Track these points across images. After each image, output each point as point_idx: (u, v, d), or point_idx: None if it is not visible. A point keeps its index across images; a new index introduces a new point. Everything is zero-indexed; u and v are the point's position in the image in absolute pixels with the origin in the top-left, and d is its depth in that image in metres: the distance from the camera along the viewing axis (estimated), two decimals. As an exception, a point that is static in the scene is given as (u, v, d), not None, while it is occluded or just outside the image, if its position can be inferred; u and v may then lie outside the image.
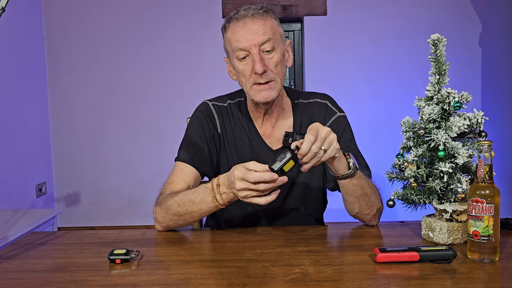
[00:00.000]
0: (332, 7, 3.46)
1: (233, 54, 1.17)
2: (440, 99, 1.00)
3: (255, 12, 1.15)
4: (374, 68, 3.48)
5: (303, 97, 1.31)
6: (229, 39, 1.17)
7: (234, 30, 1.15)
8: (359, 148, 1.32)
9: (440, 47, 1.01)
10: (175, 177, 1.20)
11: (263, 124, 1.26)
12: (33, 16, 3.35)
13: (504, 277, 0.81)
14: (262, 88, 1.15)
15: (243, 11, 1.15)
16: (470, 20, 3.46)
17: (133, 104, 3.53)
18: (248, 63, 1.14)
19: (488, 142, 0.88)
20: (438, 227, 1.00)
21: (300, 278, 0.82)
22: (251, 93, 1.17)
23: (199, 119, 1.27)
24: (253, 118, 1.27)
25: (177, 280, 0.82)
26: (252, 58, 1.13)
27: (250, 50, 1.13)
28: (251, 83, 1.16)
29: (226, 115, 1.28)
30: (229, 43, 1.18)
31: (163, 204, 1.12)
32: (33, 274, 0.88)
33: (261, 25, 1.14)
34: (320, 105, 1.29)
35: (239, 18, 1.15)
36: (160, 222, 1.15)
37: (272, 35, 1.15)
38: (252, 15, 1.14)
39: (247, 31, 1.13)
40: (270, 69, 1.14)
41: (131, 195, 3.55)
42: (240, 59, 1.15)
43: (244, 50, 1.14)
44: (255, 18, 1.14)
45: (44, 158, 3.46)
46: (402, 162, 1.04)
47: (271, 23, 1.16)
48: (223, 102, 1.30)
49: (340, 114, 1.30)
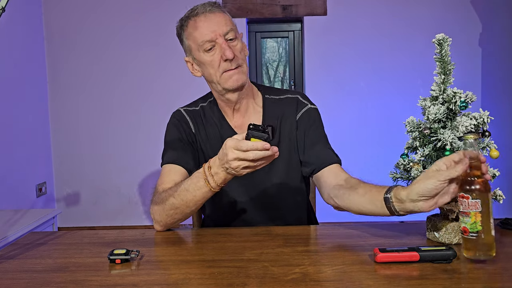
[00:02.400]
0: (332, 7, 3.46)
1: (199, 49, 1.21)
2: (446, 99, 1.00)
3: (212, 7, 1.22)
4: (374, 68, 3.48)
5: (274, 93, 1.35)
6: (191, 34, 1.21)
7: (197, 25, 1.20)
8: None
9: (445, 46, 1.00)
10: (164, 177, 1.22)
11: (234, 116, 1.30)
12: (33, 16, 3.36)
13: (504, 277, 0.81)
14: (233, 73, 1.20)
15: (201, 7, 1.21)
16: (470, 20, 3.46)
17: (133, 104, 3.53)
18: (215, 53, 1.19)
19: (473, 136, 0.88)
20: (443, 227, 1.00)
21: (300, 278, 0.82)
22: (222, 81, 1.21)
23: (174, 124, 1.32)
24: (224, 113, 1.31)
25: (177, 280, 0.82)
26: (219, 47, 1.18)
27: (217, 40, 1.18)
28: (221, 71, 1.20)
29: (199, 117, 1.32)
30: (193, 38, 1.21)
31: (159, 201, 1.13)
32: (33, 274, 0.88)
33: (222, 17, 1.21)
34: (291, 100, 1.33)
35: (198, 13, 1.21)
36: (158, 221, 1.15)
37: (232, 25, 1.22)
38: (210, 10, 1.21)
39: (211, 23, 1.19)
40: (236, 55, 1.19)
41: (131, 195, 3.55)
42: (207, 50, 1.19)
43: (210, 41, 1.18)
44: (215, 11, 1.21)
45: (44, 158, 3.46)
46: (407, 162, 1.04)
47: (227, 16, 1.23)
48: (195, 106, 1.35)
49: (312, 106, 1.34)
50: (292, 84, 3.63)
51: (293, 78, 3.64)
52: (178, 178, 1.20)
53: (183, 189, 1.08)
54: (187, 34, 1.23)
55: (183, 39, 1.26)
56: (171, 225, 1.16)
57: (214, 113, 1.32)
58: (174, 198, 1.09)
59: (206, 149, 1.30)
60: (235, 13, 3.43)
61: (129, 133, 3.54)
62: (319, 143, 1.27)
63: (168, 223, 1.14)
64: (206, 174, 1.02)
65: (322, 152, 1.25)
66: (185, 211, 1.10)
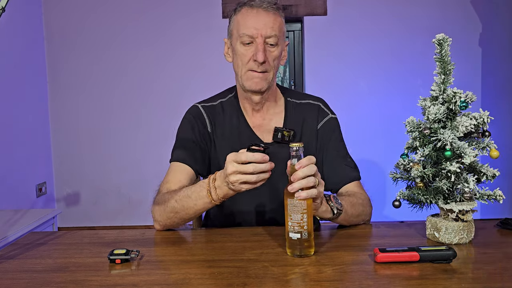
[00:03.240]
0: (332, 7, 3.46)
1: (238, 37, 1.20)
2: (446, 99, 1.00)
3: (269, 5, 1.20)
4: (374, 68, 3.48)
5: (296, 97, 1.36)
6: (238, 22, 1.21)
7: (246, 16, 1.19)
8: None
9: (445, 46, 1.00)
10: (170, 176, 1.22)
11: (253, 116, 1.30)
12: (33, 16, 3.35)
13: (504, 277, 0.81)
14: (256, 76, 1.20)
15: (259, 1, 1.20)
16: (470, 20, 3.46)
17: (133, 104, 3.53)
18: (250, 49, 1.19)
19: (298, 145, 0.91)
20: (444, 227, 1.00)
21: (300, 278, 0.82)
22: (244, 78, 1.21)
23: (189, 120, 1.30)
24: (243, 110, 1.30)
25: (177, 280, 0.82)
26: (256, 45, 1.18)
27: (256, 38, 1.17)
28: (247, 68, 1.20)
29: (217, 113, 1.31)
30: (237, 25, 1.21)
31: (161, 202, 1.13)
32: (33, 274, 0.88)
33: (272, 19, 1.19)
34: (313, 106, 1.33)
35: (253, 6, 1.19)
36: (158, 221, 1.15)
37: (278, 32, 1.20)
38: (266, 7, 1.19)
39: (258, 20, 1.18)
40: (268, 61, 1.19)
41: (131, 195, 3.55)
42: (244, 43, 1.19)
43: (250, 37, 1.18)
44: (269, 11, 1.19)
45: (44, 158, 3.46)
46: (407, 162, 1.04)
47: (280, 21, 1.22)
48: (213, 102, 1.33)
49: (332, 116, 1.35)
50: (292, 84, 3.63)
51: (293, 78, 3.64)
52: (184, 179, 1.20)
53: (186, 195, 1.08)
54: (235, 19, 1.23)
55: (231, 21, 1.25)
56: (170, 226, 1.16)
57: (234, 109, 1.31)
58: (176, 202, 1.09)
59: (221, 147, 1.28)
60: (235, 13, 3.43)
61: (129, 133, 3.54)
62: (338, 158, 1.29)
63: (167, 224, 1.14)
64: (210, 185, 1.02)
65: (340, 169, 1.27)
66: (184, 217, 1.11)
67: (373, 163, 3.36)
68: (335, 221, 1.10)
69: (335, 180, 1.26)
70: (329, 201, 1.06)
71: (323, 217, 1.06)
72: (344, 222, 1.13)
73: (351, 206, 1.13)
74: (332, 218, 1.08)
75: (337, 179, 1.26)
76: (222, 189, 1.00)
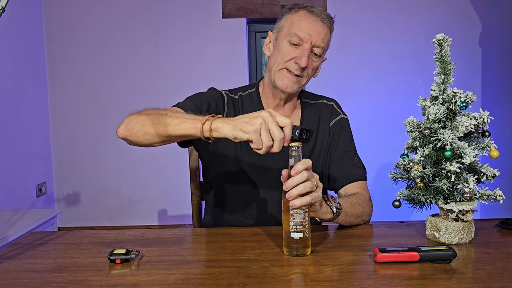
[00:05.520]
0: (332, 7, 3.46)
1: (287, 34, 1.21)
2: (446, 99, 1.00)
3: (327, 18, 1.22)
4: (374, 67, 3.48)
5: (310, 97, 1.40)
6: (293, 20, 1.22)
7: (302, 18, 1.21)
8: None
9: (445, 46, 1.00)
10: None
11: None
12: (33, 16, 3.35)
13: (504, 277, 0.81)
14: (290, 77, 1.22)
15: (318, 11, 1.22)
16: (470, 20, 3.46)
17: (133, 104, 3.52)
18: (295, 51, 1.20)
19: (297, 144, 0.91)
20: (443, 227, 1.00)
21: (300, 278, 0.82)
22: (277, 74, 1.23)
23: (215, 94, 1.29)
24: (265, 106, 1.31)
25: (177, 280, 0.82)
26: (302, 49, 1.19)
27: (305, 43, 1.19)
28: (284, 66, 1.21)
29: (236, 106, 1.31)
30: (290, 24, 1.22)
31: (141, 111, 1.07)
32: (33, 274, 0.88)
33: (325, 32, 1.22)
34: (327, 106, 1.38)
35: (313, 12, 1.21)
36: (125, 123, 1.05)
37: (326, 46, 1.24)
38: (323, 18, 1.22)
39: (313, 27, 1.20)
40: (308, 68, 1.22)
41: (131, 195, 3.55)
42: (292, 43, 1.20)
43: (301, 39, 1.19)
44: (325, 23, 1.22)
45: (44, 158, 3.46)
46: (407, 162, 1.04)
47: (330, 36, 1.25)
48: (234, 94, 1.34)
49: (344, 116, 1.39)
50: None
51: (293, 78, 3.64)
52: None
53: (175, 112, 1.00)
54: (289, 17, 1.23)
55: (283, 17, 1.26)
56: (134, 136, 1.04)
57: (254, 104, 1.31)
58: (157, 112, 1.01)
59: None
60: (235, 13, 3.43)
61: (129, 133, 3.53)
62: (345, 157, 1.31)
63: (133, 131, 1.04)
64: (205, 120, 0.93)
65: (347, 168, 1.29)
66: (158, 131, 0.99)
67: (373, 163, 3.36)
68: (335, 221, 1.11)
69: (341, 178, 1.28)
70: (327, 201, 1.06)
71: (323, 218, 1.06)
72: (343, 223, 1.13)
73: (350, 206, 1.13)
74: (332, 219, 1.08)
75: (343, 177, 1.28)
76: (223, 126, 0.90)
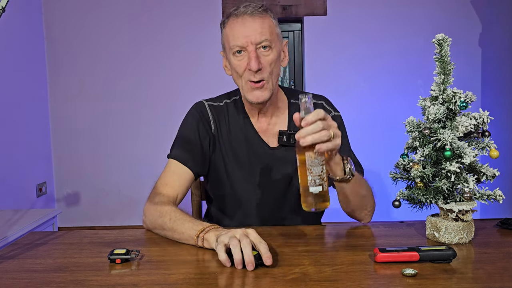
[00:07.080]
0: (332, 7, 3.46)
1: (229, 49, 1.18)
2: (446, 99, 1.00)
3: (255, 10, 1.16)
4: (374, 68, 3.48)
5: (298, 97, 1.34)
6: (227, 34, 1.18)
7: (232, 26, 1.16)
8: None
9: (445, 47, 1.00)
10: (169, 177, 1.20)
11: (259, 120, 1.28)
12: (33, 16, 3.36)
13: (504, 277, 0.81)
14: (256, 88, 1.17)
15: (243, 8, 1.16)
16: (470, 20, 3.46)
17: (133, 104, 3.53)
18: (243, 59, 1.16)
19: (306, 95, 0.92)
20: (443, 227, 1.00)
21: (300, 278, 0.82)
22: (245, 90, 1.19)
23: (194, 117, 1.28)
24: (249, 114, 1.29)
25: (177, 280, 0.82)
26: (248, 54, 1.15)
27: (247, 47, 1.15)
28: (245, 79, 1.17)
29: (222, 114, 1.29)
30: (226, 38, 1.19)
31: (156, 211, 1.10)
32: (33, 274, 0.88)
33: (260, 23, 1.15)
34: (316, 105, 1.31)
35: (238, 14, 1.16)
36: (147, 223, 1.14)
37: (270, 35, 1.16)
38: (251, 13, 1.15)
39: (245, 28, 1.14)
40: (264, 67, 1.15)
41: (131, 195, 3.55)
42: (236, 54, 1.16)
43: (241, 47, 1.15)
44: (254, 16, 1.15)
45: (44, 158, 3.46)
46: (407, 162, 1.04)
47: (269, 22, 1.17)
48: (219, 102, 1.31)
49: (335, 113, 1.33)
50: (292, 84, 3.63)
51: (293, 78, 3.64)
52: (183, 184, 1.19)
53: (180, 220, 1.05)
54: (224, 33, 1.20)
55: (222, 35, 1.23)
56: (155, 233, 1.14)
57: (239, 112, 1.29)
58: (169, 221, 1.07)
59: (226, 151, 1.26)
60: (235, 13, 3.43)
61: (130, 132, 3.54)
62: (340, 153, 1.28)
63: (153, 231, 1.13)
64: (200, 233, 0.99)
65: None
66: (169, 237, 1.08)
67: (373, 163, 3.36)
68: (342, 189, 1.09)
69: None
70: (344, 160, 1.05)
71: (333, 173, 1.04)
72: (350, 194, 1.11)
73: (359, 182, 1.13)
74: (341, 180, 1.05)
75: None
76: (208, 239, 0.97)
